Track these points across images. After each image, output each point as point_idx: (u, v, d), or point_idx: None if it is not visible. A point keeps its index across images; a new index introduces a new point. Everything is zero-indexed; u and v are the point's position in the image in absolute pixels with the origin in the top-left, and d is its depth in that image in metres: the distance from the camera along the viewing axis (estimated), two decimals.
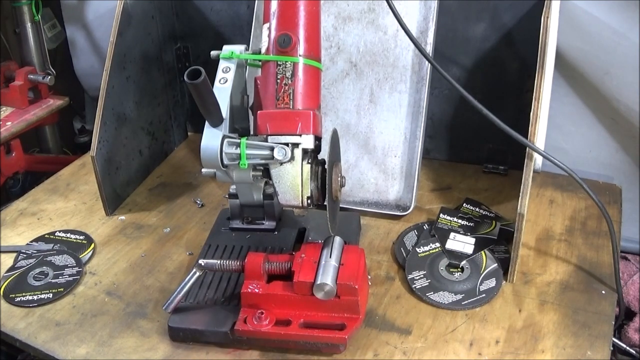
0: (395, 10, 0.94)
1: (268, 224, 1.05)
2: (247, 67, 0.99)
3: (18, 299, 0.97)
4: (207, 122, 0.89)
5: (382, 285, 0.98)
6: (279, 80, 0.88)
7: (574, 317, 0.90)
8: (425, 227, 1.09)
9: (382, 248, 1.06)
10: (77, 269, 1.03)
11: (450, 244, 1.03)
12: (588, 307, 0.92)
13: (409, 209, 1.12)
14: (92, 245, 1.09)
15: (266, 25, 0.91)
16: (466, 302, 0.93)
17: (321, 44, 0.92)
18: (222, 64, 0.95)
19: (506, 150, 1.24)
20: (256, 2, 1.23)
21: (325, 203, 0.89)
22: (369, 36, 1.15)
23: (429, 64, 1.10)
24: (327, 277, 0.83)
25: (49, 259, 1.05)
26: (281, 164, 0.86)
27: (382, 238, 1.09)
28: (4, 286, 0.99)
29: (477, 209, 1.12)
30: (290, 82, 0.88)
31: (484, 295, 0.94)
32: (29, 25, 1.58)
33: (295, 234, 1.03)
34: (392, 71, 1.14)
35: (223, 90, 0.92)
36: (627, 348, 1.11)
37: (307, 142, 0.86)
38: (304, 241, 1.00)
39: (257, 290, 0.86)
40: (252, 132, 0.95)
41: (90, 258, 1.06)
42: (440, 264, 0.99)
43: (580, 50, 1.14)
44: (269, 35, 0.90)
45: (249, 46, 1.03)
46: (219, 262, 0.89)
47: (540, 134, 0.96)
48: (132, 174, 1.25)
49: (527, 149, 0.93)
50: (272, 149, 0.85)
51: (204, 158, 0.88)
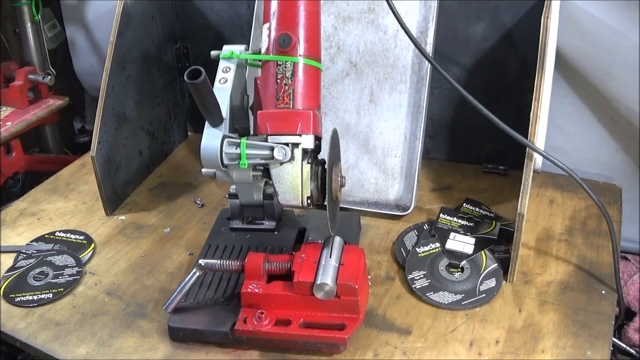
0: (395, 10, 0.94)
1: (268, 224, 1.05)
2: (247, 67, 0.99)
3: (18, 299, 0.97)
4: (207, 122, 0.89)
5: (382, 285, 0.98)
6: (279, 80, 0.88)
7: (574, 317, 0.90)
8: (425, 227, 1.09)
9: (382, 248, 1.06)
10: (77, 269, 1.03)
11: (450, 244, 1.03)
12: (588, 307, 0.92)
13: (409, 209, 1.12)
14: (92, 245, 1.09)
15: (266, 25, 0.91)
16: (466, 302, 0.93)
17: (321, 44, 0.92)
18: (222, 64, 0.95)
19: (506, 150, 1.24)
20: (256, 2, 1.23)
21: (325, 203, 0.89)
22: (369, 36, 1.15)
23: (429, 64, 1.10)
24: (327, 277, 0.83)
25: (49, 259, 1.05)
26: (281, 164, 0.86)
27: (382, 238, 1.09)
28: (4, 286, 0.99)
29: (477, 209, 1.12)
30: (290, 82, 0.88)
31: (484, 295, 0.94)
32: (29, 25, 1.58)
33: (295, 234, 1.03)
34: (392, 71, 1.14)
35: (223, 90, 0.92)
36: (627, 348, 1.11)
37: (307, 142, 0.86)
38: (304, 241, 1.00)
39: (257, 290, 0.86)
40: (252, 132, 0.95)
41: (90, 258, 1.06)
42: (440, 264, 0.99)
43: (580, 50, 1.14)
44: (269, 35, 0.90)
45: (249, 46, 1.03)
46: (219, 262, 0.88)
47: (540, 134, 0.96)
48: (132, 174, 1.25)
49: (527, 149, 0.93)
50: (272, 149, 0.85)
51: (204, 158, 0.88)
